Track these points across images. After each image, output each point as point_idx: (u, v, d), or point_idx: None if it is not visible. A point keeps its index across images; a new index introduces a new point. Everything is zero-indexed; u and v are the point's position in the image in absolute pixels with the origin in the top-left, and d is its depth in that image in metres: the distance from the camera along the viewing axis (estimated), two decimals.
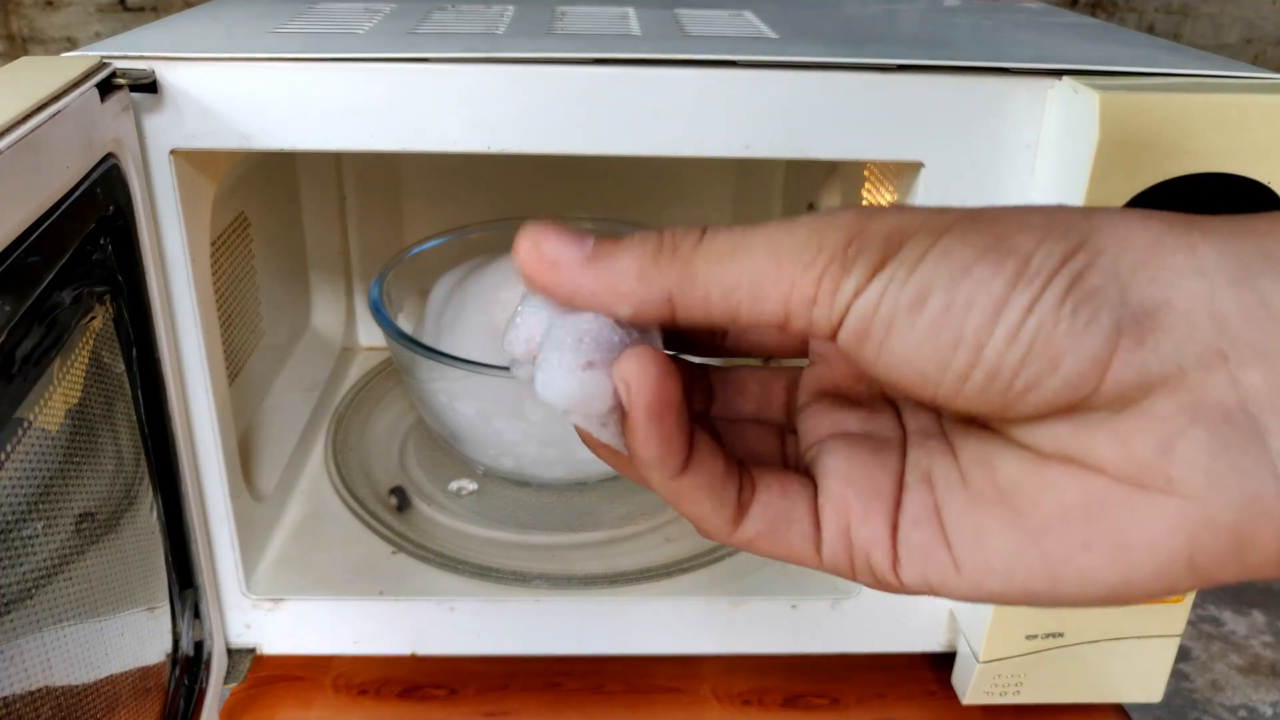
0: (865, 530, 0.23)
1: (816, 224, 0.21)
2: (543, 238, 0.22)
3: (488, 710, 0.51)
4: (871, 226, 0.21)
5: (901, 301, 0.20)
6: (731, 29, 0.47)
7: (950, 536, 0.23)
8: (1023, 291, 0.19)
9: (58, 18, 0.86)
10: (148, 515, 0.41)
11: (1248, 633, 1.01)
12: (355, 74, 0.39)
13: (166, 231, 0.41)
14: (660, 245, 0.22)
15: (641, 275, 0.21)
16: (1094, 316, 0.19)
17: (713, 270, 0.21)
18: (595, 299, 0.22)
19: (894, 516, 0.23)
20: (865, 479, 0.24)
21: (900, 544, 0.23)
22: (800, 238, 0.21)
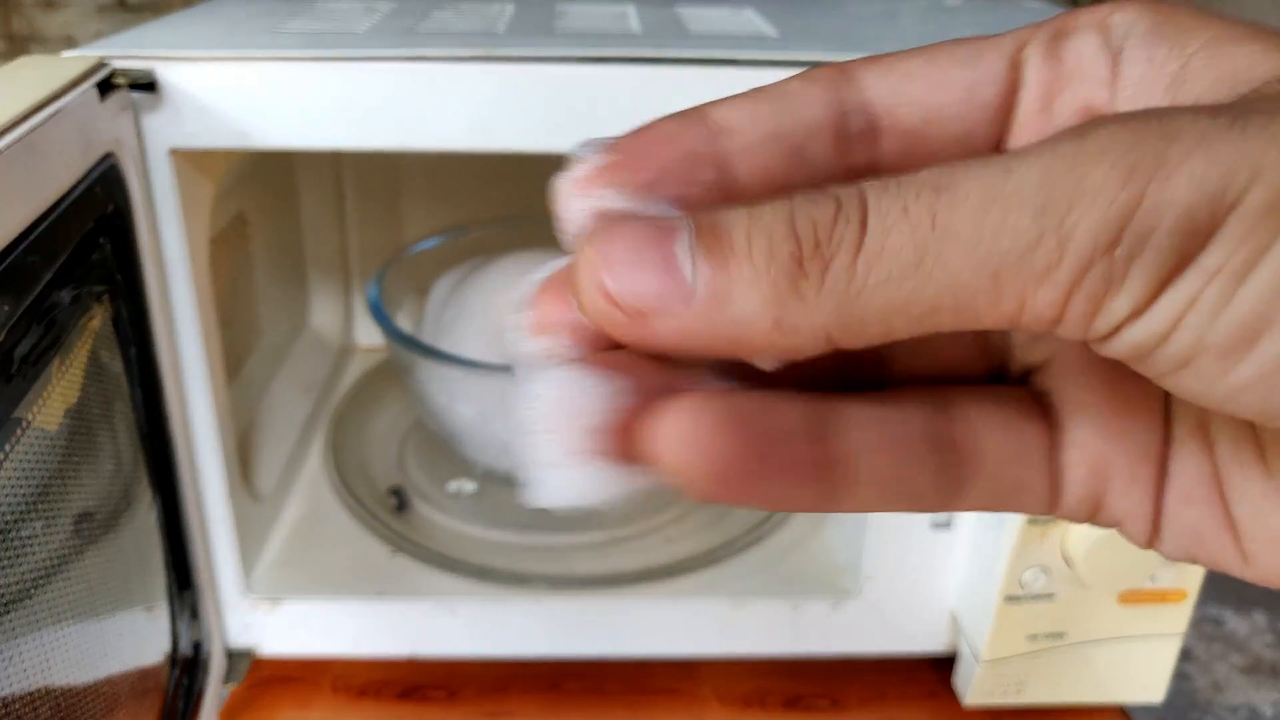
0: (1125, 503, 0.17)
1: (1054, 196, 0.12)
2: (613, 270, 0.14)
3: (488, 711, 0.51)
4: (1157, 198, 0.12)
5: (1210, 340, 0.12)
6: (732, 27, 0.47)
7: (1240, 525, 0.16)
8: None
9: (58, 17, 0.86)
10: (146, 515, 0.41)
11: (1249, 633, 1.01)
12: (355, 73, 0.39)
13: (165, 231, 0.41)
14: (800, 263, 0.13)
15: (780, 323, 0.13)
16: None
17: (892, 298, 0.13)
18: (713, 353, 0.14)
19: (1160, 484, 0.16)
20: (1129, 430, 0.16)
21: (1166, 521, 0.17)
22: (1029, 230, 0.12)
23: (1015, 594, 0.45)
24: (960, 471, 0.16)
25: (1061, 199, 0.12)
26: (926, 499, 0.16)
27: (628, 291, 0.14)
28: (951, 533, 0.48)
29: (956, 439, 0.16)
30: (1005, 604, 0.45)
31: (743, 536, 0.54)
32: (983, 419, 0.17)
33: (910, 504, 0.16)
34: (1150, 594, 0.45)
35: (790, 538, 0.55)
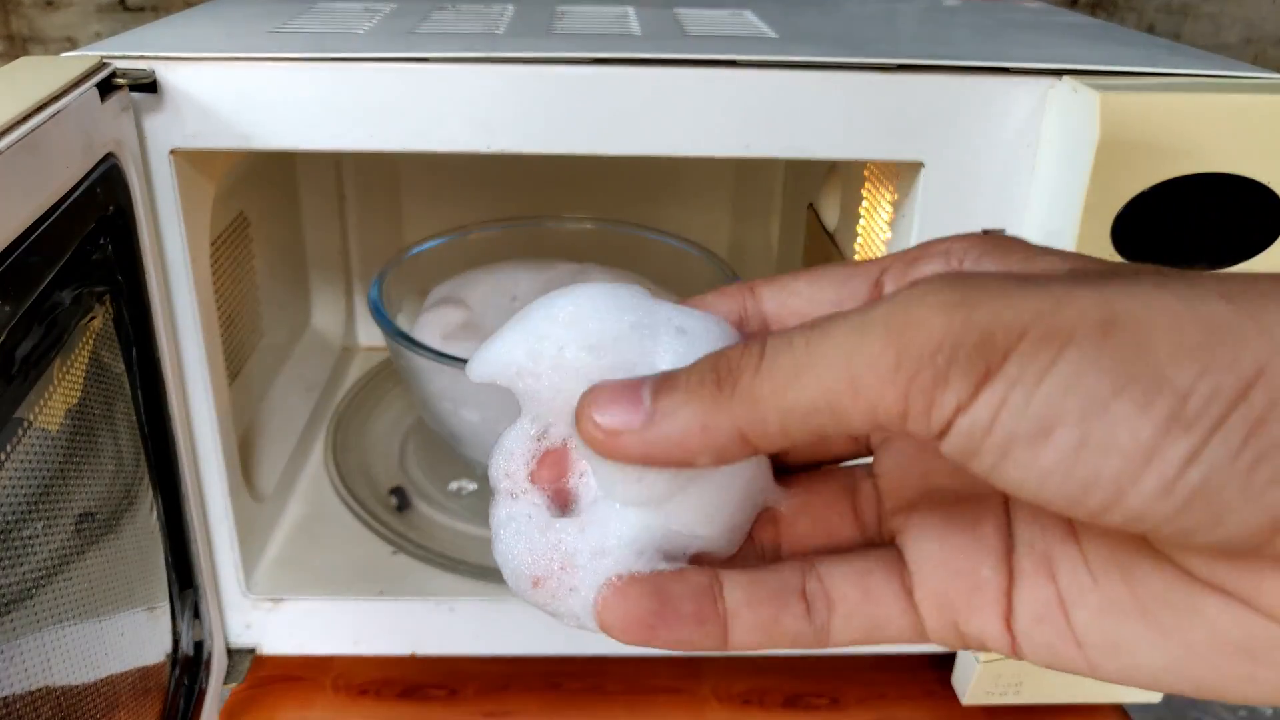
0: (975, 625, 0.21)
1: (892, 322, 0.17)
2: (599, 407, 0.20)
3: (488, 710, 0.51)
4: (965, 322, 0.16)
5: (1019, 431, 0.16)
6: (731, 29, 0.47)
7: (1082, 639, 0.20)
8: (1179, 440, 0.16)
9: (58, 18, 0.86)
10: (147, 515, 0.41)
11: None
12: (355, 74, 0.39)
13: (166, 231, 0.41)
14: (718, 382, 0.19)
15: (706, 427, 0.19)
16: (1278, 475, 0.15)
17: (781, 400, 0.18)
18: (669, 459, 0.19)
19: (1007, 609, 0.21)
20: (968, 570, 0.21)
21: (1019, 637, 0.21)
22: (875, 346, 0.17)
23: None
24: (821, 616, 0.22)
25: (898, 325, 0.17)
26: (803, 638, 0.22)
27: (605, 416, 0.19)
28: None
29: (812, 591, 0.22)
30: None
31: None
32: (839, 574, 0.22)
33: (789, 643, 0.22)
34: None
35: None
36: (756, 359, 0.18)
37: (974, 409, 0.16)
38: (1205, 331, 0.16)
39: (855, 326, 0.17)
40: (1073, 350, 0.16)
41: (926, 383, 0.17)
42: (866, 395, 0.17)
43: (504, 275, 0.62)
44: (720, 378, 0.19)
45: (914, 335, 0.17)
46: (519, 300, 0.61)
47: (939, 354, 0.16)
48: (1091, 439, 0.16)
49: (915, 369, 0.17)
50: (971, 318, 0.16)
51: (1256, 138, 0.37)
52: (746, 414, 0.18)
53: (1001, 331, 0.16)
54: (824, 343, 0.18)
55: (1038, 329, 0.16)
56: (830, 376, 0.17)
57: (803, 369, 0.18)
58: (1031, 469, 0.17)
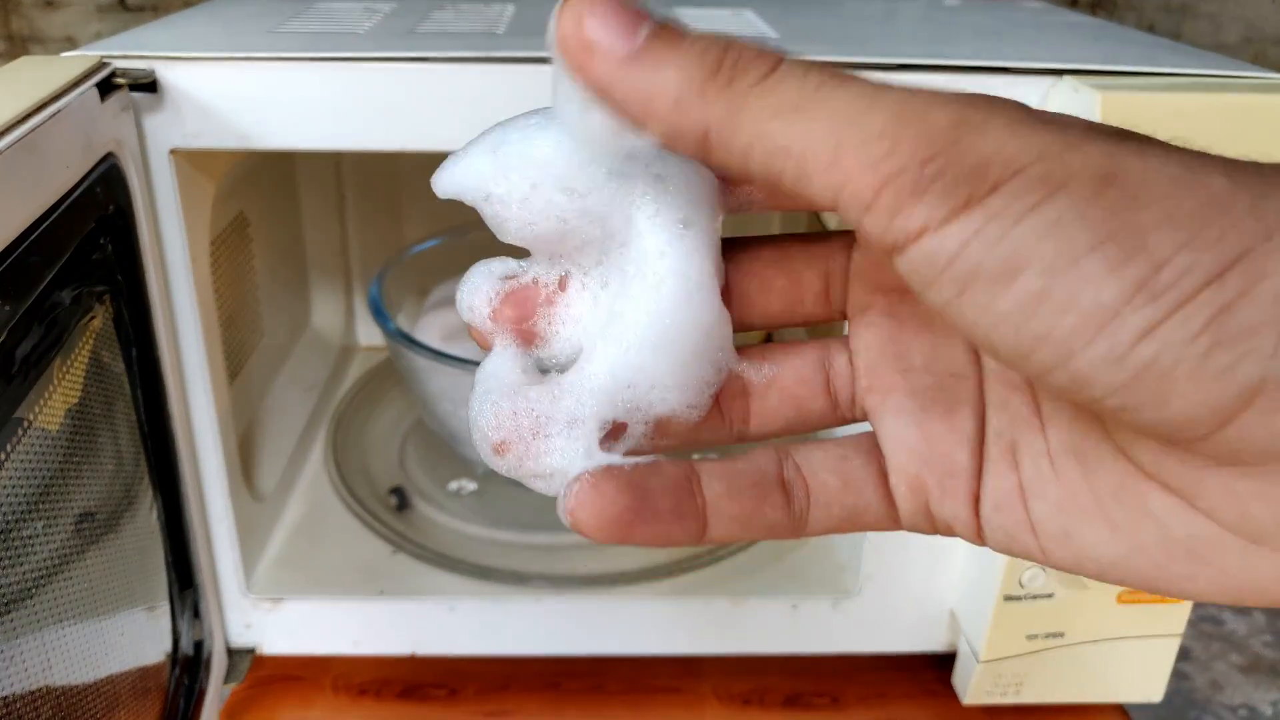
0: (945, 509, 0.21)
1: (904, 111, 0.16)
2: (589, 11, 0.18)
3: (488, 710, 0.51)
4: (967, 143, 0.16)
5: (984, 265, 0.16)
6: (732, 28, 0.47)
7: (1038, 527, 0.20)
8: (1141, 310, 0.15)
9: (58, 17, 0.86)
10: (147, 515, 0.41)
11: (1248, 632, 1.01)
12: (355, 74, 0.39)
13: (166, 231, 0.41)
14: (716, 67, 0.17)
15: (681, 101, 0.17)
16: (1233, 365, 0.15)
17: (763, 123, 0.17)
18: (626, 106, 0.18)
19: (975, 492, 0.21)
20: (943, 454, 0.21)
21: (984, 522, 0.21)
22: (875, 125, 0.16)
23: (1014, 593, 0.45)
24: (800, 504, 0.22)
25: (906, 117, 0.16)
26: (780, 528, 0.22)
27: (591, 28, 0.18)
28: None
29: (791, 479, 0.22)
30: (1004, 603, 0.45)
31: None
32: (817, 462, 0.22)
33: (766, 532, 0.22)
34: (1149, 594, 0.45)
35: None
36: (765, 71, 0.17)
37: (944, 233, 0.16)
38: (1199, 203, 0.15)
39: (869, 96, 0.16)
40: (1063, 197, 0.15)
41: (905, 186, 0.16)
42: (842, 168, 0.16)
43: None
44: (720, 68, 0.17)
45: (915, 134, 0.16)
46: None
47: (930, 163, 0.16)
48: (1054, 291, 0.15)
49: (898, 170, 0.16)
50: (976, 141, 0.16)
51: (1256, 138, 0.37)
52: (723, 115, 0.17)
53: (999, 163, 0.16)
54: (834, 94, 0.16)
55: (1036, 169, 0.16)
56: (820, 129, 0.16)
57: (800, 107, 0.17)
58: (986, 311, 0.16)
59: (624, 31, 0.18)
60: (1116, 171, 0.16)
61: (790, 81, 0.17)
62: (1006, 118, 0.16)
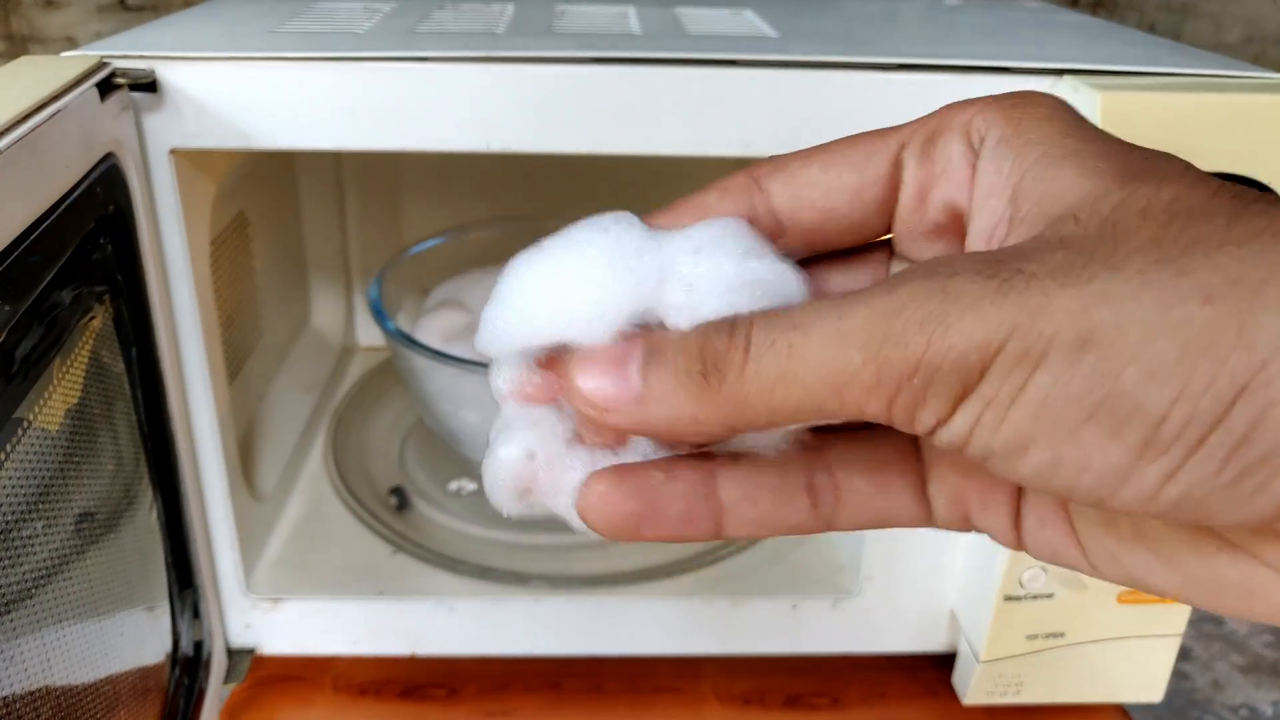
0: (986, 522, 0.21)
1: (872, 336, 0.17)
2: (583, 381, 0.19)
3: (488, 710, 0.51)
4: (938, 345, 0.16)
5: (995, 446, 0.17)
6: (732, 28, 0.47)
7: (1084, 545, 0.20)
8: (1155, 463, 0.15)
9: (58, 17, 0.86)
10: (147, 515, 0.41)
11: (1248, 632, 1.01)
12: (355, 74, 0.39)
13: (166, 231, 0.41)
14: (704, 374, 0.18)
15: (697, 419, 0.19)
16: (1265, 484, 0.15)
17: (767, 404, 0.18)
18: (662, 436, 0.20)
19: (1016, 508, 0.21)
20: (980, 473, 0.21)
21: (1026, 537, 0.21)
22: (855, 360, 0.17)
23: (1015, 593, 0.45)
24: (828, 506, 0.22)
25: (876, 340, 0.17)
26: (804, 527, 0.22)
27: (598, 395, 0.19)
28: (951, 532, 0.48)
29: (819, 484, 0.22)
30: (1005, 603, 0.45)
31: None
32: (853, 466, 0.22)
33: (787, 531, 0.22)
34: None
35: (790, 537, 0.55)
36: (742, 354, 0.18)
37: (952, 424, 0.17)
38: (1181, 348, 0.15)
39: (836, 335, 0.17)
40: (1043, 373, 0.16)
41: (907, 402, 0.17)
42: (850, 402, 0.17)
43: None
44: (707, 370, 0.18)
45: (892, 354, 0.17)
46: None
47: (916, 376, 0.17)
48: (1064, 459, 0.16)
49: (894, 390, 0.17)
50: (946, 339, 0.16)
51: (1256, 138, 0.37)
52: (734, 410, 0.18)
53: (975, 352, 0.16)
54: (806, 348, 0.18)
55: (1013, 345, 0.16)
56: (814, 384, 0.17)
57: (786, 375, 0.18)
58: (1014, 474, 0.17)
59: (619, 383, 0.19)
60: (1091, 332, 0.15)
61: (766, 357, 0.18)
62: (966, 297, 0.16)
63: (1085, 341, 0.16)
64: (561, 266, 0.21)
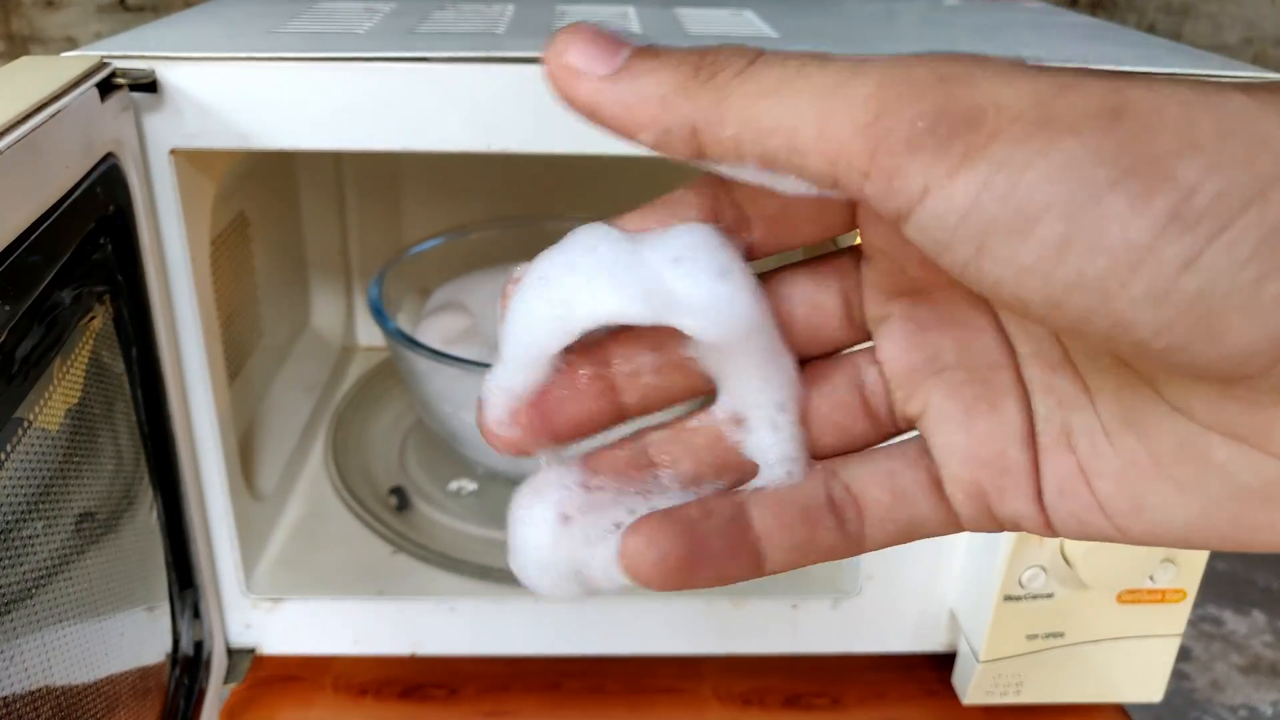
0: (1008, 508, 0.20)
1: (887, 76, 0.16)
2: (570, 44, 0.18)
3: (488, 710, 0.51)
4: (957, 93, 0.15)
5: (998, 217, 0.15)
6: (732, 28, 0.47)
7: (1106, 506, 0.19)
8: (1177, 241, 0.14)
9: (58, 17, 0.86)
10: (147, 515, 0.41)
11: (1248, 633, 1.01)
12: (355, 74, 0.39)
13: (166, 231, 0.41)
14: (697, 68, 0.17)
15: (665, 101, 0.17)
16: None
17: (748, 108, 0.17)
18: (614, 121, 0.18)
19: (1036, 485, 0.20)
20: (996, 454, 0.20)
21: (1051, 514, 0.20)
22: (860, 91, 0.16)
23: (1014, 593, 0.45)
24: (854, 524, 0.21)
25: (892, 78, 0.16)
26: (838, 549, 0.21)
27: (577, 54, 0.18)
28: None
29: (840, 499, 0.21)
30: (1004, 603, 0.45)
31: None
32: (865, 478, 0.21)
33: (823, 556, 0.21)
34: (1149, 594, 0.45)
35: None
36: (744, 62, 0.17)
37: (949, 191, 0.15)
38: (1220, 124, 0.14)
39: (851, 67, 0.16)
40: (1070, 137, 0.14)
41: (897, 143, 0.15)
42: (833, 139, 0.16)
43: (504, 278, 0.62)
44: (700, 65, 0.17)
45: (901, 92, 0.15)
46: None
47: (920, 118, 0.15)
48: (1078, 235, 0.14)
49: (890, 124, 0.15)
50: (965, 91, 0.15)
51: None
52: (709, 107, 0.17)
53: (994, 110, 0.15)
54: (816, 71, 0.16)
55: (1035, 112, 0.15)
56: (805, 104, 0.16)
57: (783, 88, 0.16)
58: (1010, 265, 0.15)
59: (605, 55, 0.18)
60: (1123, 105, 0.15)
61: (771, 67, 0.17)
62: (995, 67, 0.16)
63: (1116, 111, 0.14)
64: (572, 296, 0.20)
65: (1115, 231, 0.14)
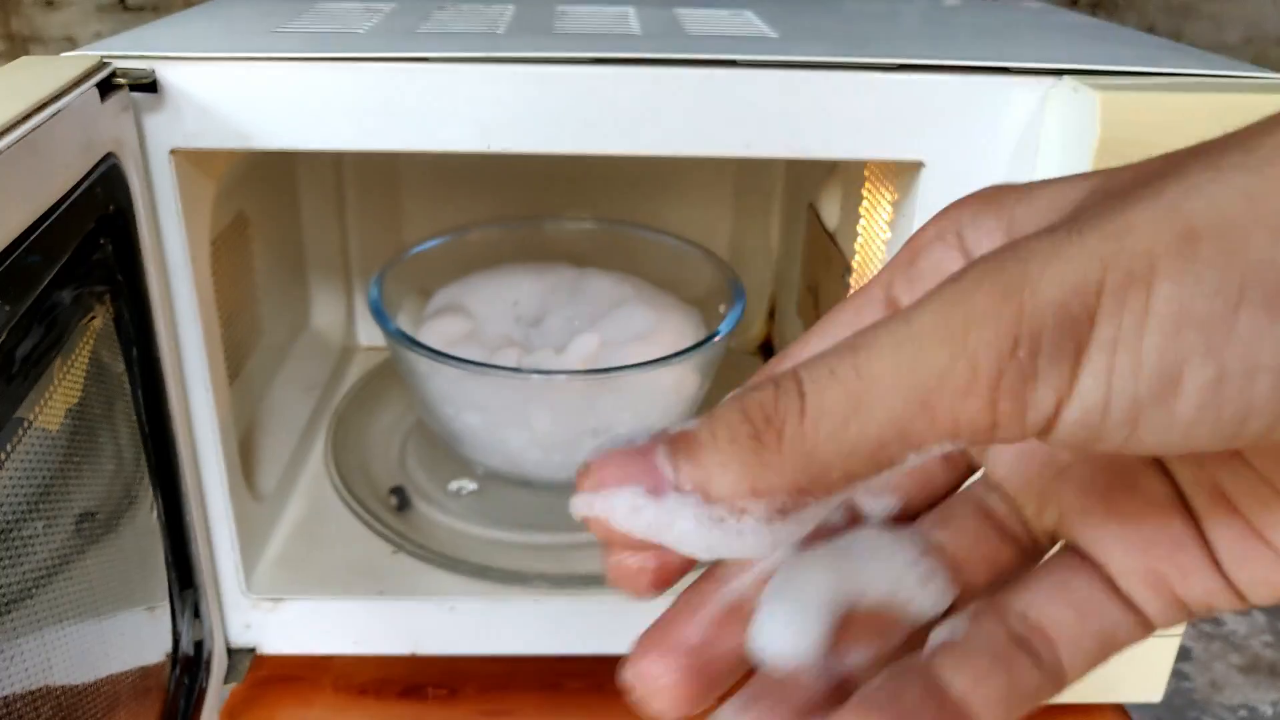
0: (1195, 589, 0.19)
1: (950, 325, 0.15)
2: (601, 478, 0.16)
3: (488, 710, 0.51)
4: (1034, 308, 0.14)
5: (1140, 393, 0.14)
6: (731, 28, 0.47)
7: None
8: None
9: (58, 17, 0.86)
10: (148, 515, 0.41)
11: (1248, 632, 1.01)
12: (355, 74, 0.39)
13: (166, 231, 0.41)
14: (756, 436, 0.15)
15: (756, 488, 0.15)
16: None
17: (841, 445, 0.15)
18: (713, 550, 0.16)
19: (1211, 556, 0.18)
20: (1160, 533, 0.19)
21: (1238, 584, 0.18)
22: (939, 357, 0.14)
23: None
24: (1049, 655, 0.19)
25: (957, 327, 0.14)
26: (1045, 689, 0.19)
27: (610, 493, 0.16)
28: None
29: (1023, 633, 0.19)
30: None
31: None
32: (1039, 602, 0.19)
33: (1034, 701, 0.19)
34: None
35: None
36: (797, 401, 0.15)
37: (1079, 391, 0.14)
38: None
39: (907, 338, 0.15)
40: (1163, 284, 0.14)
41: (1014, 384, 0.14)
42: (944, 415, 0.15)
43: (505, 281, 0.62)
44: (757, 430, 0.15)
45: (982, 335, 0.14)
46: (520, 306, 0.61)
47: (1019, 347, 0.14)
48: (1230, 368, 0.14)
49: (995, 376, 0.14)
50: (1038, 293, 0.14)
51: None
52: (802, 465, 0.15)
53: (1076, 297, 0.14)
54: (876, 364, 0.15)
55: (1113, 276, 0.14)
56: (894, 404, 0.15)
57: (860, 402, 0.15)
58: (1171, 429, 0.14)
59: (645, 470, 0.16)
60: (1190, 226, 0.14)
61: (828, 390, 0.15)
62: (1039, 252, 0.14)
63: (1191, 235, 0.14)
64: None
65: (1265, 347, 0.14)
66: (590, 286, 0.62)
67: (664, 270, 0.64)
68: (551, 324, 0.60)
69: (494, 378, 0.52)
